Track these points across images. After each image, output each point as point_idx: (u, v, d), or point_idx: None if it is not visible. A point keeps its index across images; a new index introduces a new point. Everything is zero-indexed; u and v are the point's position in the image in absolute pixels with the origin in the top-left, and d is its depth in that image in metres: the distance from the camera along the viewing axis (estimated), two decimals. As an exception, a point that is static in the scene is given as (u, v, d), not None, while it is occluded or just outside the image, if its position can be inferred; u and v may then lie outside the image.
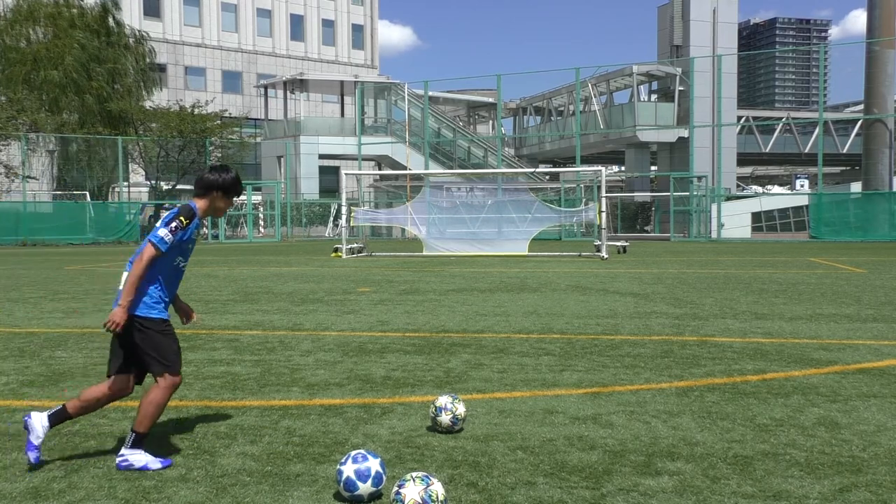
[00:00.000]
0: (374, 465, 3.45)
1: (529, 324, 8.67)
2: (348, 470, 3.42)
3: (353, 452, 3.54)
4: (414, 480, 3.22)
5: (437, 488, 3.21)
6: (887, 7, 35.90)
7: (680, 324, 8.58)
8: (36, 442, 3.84)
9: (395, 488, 3.23)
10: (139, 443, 3.86)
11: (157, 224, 3.94)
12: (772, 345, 7.22)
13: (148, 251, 3.84)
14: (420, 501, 3.15)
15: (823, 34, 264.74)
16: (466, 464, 3.90)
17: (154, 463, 3.83)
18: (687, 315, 9.29)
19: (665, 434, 4.38)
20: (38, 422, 3.86)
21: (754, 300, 10.78)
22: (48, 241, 33.15)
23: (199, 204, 4.10)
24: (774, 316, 9.16)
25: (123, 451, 3.84)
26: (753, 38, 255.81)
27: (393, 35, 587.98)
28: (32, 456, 3.84)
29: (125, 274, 3.93)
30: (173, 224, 3.88)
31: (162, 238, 3.85)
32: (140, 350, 3.94)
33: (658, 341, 7.45)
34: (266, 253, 25.98)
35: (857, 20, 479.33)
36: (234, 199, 4.22)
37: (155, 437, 4.37)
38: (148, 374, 4.09)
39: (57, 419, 3.94)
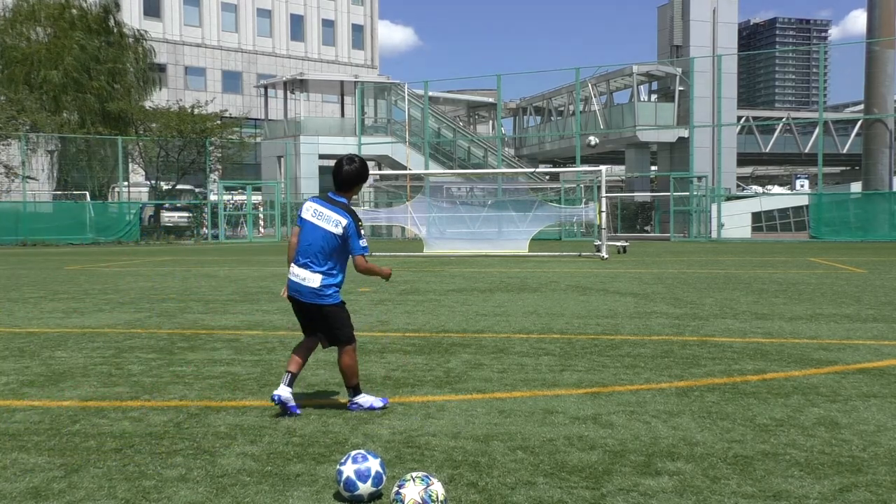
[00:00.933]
0: (374, 465, 3.45)
1: (529, 324, 8.67)
2: (348, 470, 3.43)
3: (352, 452, 3.54)
4: (414, 480, 3.22)
5: (437, 488, 3.21)
6: (887, 7, 35.89)
7: (680, 324, 8.59)
8: (292, 402, 4.80)
9: (395, 488, 3.24)
10: (357, 391, 4.93)
11: (342, 235, 4.75)
12: (772, 345, 7.22)
13: (364, 260, 4.84)
14: (420, 501, 3.15)
15: (823, 34, 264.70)
16: (466, 464, 3.90)
17: (378, 402, 4.91)
18: (687, 315, 9.29)
19: (665, 434, 4.38)
20: (286, 392, 4.75)
21: (754, 300, 10.78)
22: (48, 241, 33.14)
23: (351, 198, 4.94)
24: (774, 316, 9.16)
25: (352, 399, 4.91)
26: (753, 38, 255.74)
27: (394, 36, 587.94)
28: (297, 410, 4.82)
29: (308, 273, 4.81)
30: (361, 230, 4.81)
31: (366, 247, 4.84)
32: (332, 326, 4.88)
33: (658, 341, 7.45)
34: (266, 253, 25.97)
35: (858, 20, 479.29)
36: None
37: (155, 437, 4.38)
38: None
39: (291, 381, 4.82)
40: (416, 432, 4.44)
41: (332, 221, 4.76)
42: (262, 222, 44.92)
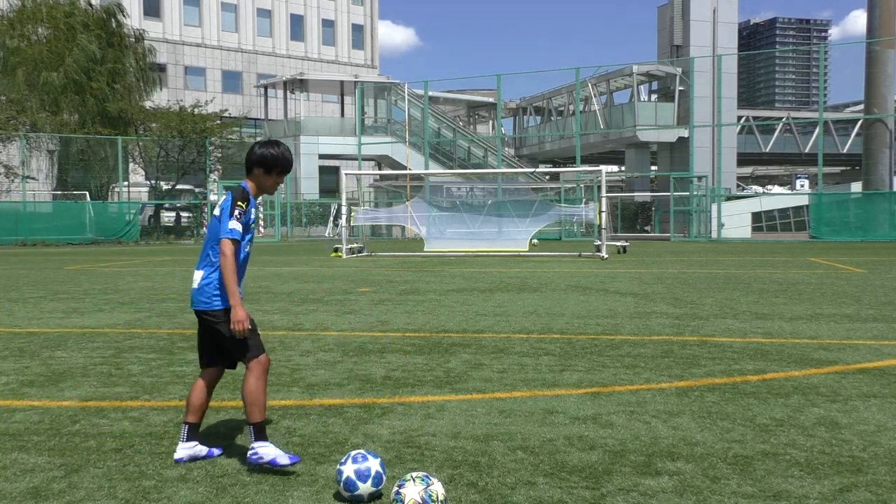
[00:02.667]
0: (373, 465, 3.44)
1: (529, 324, 8.67)
2: (348, 470, 3.42)
3: (352, 452, 3.53)
4: (414, 480, 3.22)
5: (437, 488, 3.21)
6: (887, 7, 35.90)
7: (680, 324, 8.58)
8: (203, 453, 3.98)
9: (395, 488, 3.24)
10: (261, 434, 3.81)
11: (217, 215, 3.92)
12: (772, 345, 7.22)
13: (228, 247, 3.84)
14: (420, 501, 3.15)
15: (823, 34, 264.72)
16: (466, 464, 3.90)
17: (282, 458, 3.75)
18: (687, 315, 9.29)
19: (665, 434, 4.38)
20: (185, 451, 3.96)
21: (754, 300, 10.78)
22: (48, 241, 33.14)
23: (252, 185, 4.03)
24: (774, 316, 9.16)
25: (253, 444, 3.81)
26: (753, 38, 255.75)
27: (396, 36, 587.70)
28: (214, 452, 4.02)
29: (197, 272, 4.00)
30: (236, 212, 3.87)
31: (234, 230, 3.86)
32: (226, 341, 3.96)
33: (658, 341, 7.45)
34: (266, 253, 25.97)
35: (858, 20, 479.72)
36: (281, 175, 4.06)
37: (155, 437, 4.37)
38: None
39: (191, 434, 3.99)
40: (416, 432, 4.43)
41: (218, 206, 3.99)
42: (261, 222, 44.90)
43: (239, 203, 3.88)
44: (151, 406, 5.10)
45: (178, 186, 41.30)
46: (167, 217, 40.73)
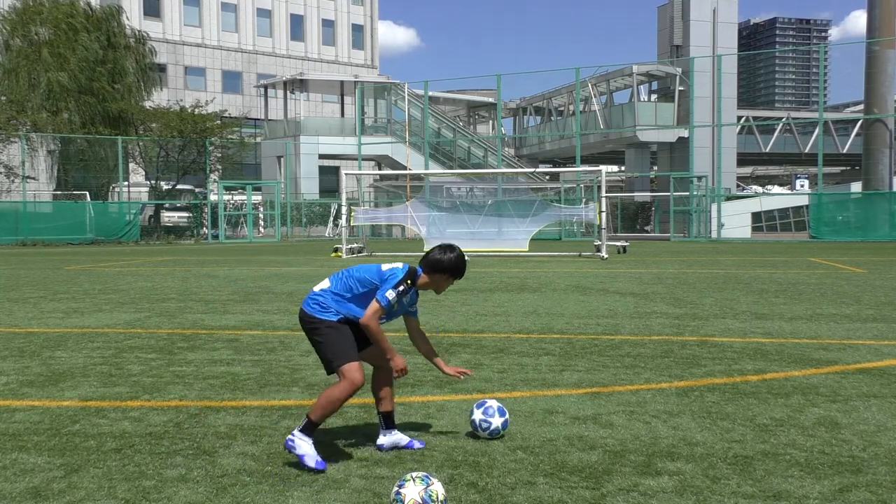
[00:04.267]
0: (493, 403, 4.34)
1: (529, 324, 8.67)
2: (477, 415, 4.26)
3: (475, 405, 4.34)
4: (414, 480, 3.22)
5: (437, 488, 3.21)
6: (887, 7, 35.89)
7: (680, 324, 8.58)
8: (404, 443, 4.17)
9: (395, 488, 3.23)
10: (308, 429, 3.90)
11: (384, 275, 4.06)
12: (772, 345, 7.22)
13: (374, 309, 3.98)
14: (420, 501, 3.15)
15: (823, 34, 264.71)
16: (466, 464, 3.90)
17: (311, 459, 3.82)
18: (687, 315, 9.29)
19: (665, 434, 4.38)
20: (386, 439, 4.16)
21: (754, 300, 10.78)
22: (48, 241, 33.13)
23: (424, 279, 4.20)
24: (774, 316, 9.16)
25: (295, 431, 3.91)
26: (753, 38, 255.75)
27: (397, 37, 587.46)
28: (415, 444, 4.18)
29: (326, 280, 4.13)
30: (401, 287, 4.03)
31: (388, 299, 3.99)
32: (317, 349, 4.09)
33: (658, 341, 7.45)
34: (266, 253, 25.97)
35: (858, 21, 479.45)
36: (457, 280, 4.32)
37: (155, 437, 4.37)
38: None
39: (388, 423, 4.20)
40: (415, 432, 4.43)
41: (390, 266, 4.14)
42: (261, 222, 44.93)
43: (408, 282, 4.07)
44: (151, 406, 5.10)
45: (178, 186, 41.30)
46: (173, 217, 40.67)
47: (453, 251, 4.22)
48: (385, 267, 4.10)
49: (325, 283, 4.12)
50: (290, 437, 3.90)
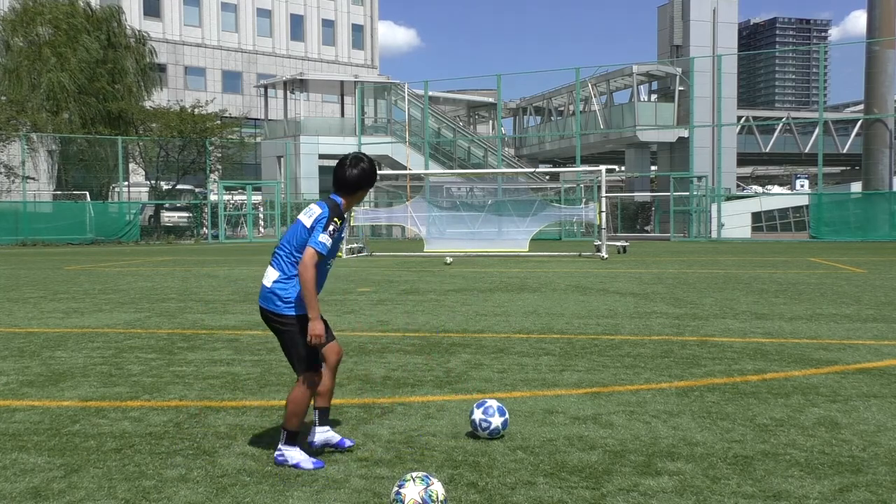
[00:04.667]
0: (493, 403, 4.36)
1: (529, 324, 8.67)
2: (477, 415, 4.28)
3: (475, 405, 4.36)
4: (414, 480, 3.22)
5: (437, 488, 3.21)
6: (887, 7, 35.88)
7: (680, 324, 8.58)
8: (335, 440, 4.13)
9: (395, 488, 3.23)
10: (292, 439, 3.92)
11: (307, 225, 3.96)
12: (772, 345, 7.22)
13: (311, 256, 3.88)
14: (420, 501, 3.15)
15: (823, 34, 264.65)
16: (466, 464, 3.90)
17: (306, 462, 3.87)
18: (687, 315, 9.29)
19: (665, 434, 4.38)
20: (319, 435, 4.13)
21: (754, 300, 10.78)
22: (48, 241, 33.13)
23: (346, 203, 4.11)
24: (774, 316, 9.16)
25: (280, 446, 3.94)
26: (753, 38, 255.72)
27: (397, 37, 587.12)
28: (346, 443, 4.13)
29: (269, 269, 4.01)
30: (331, 227, 3.93)
31: (324, 243, 3.90)
32: (285, 347, 4.04)
33: (658, 341, 7.45)
34: (266, 253, 25.94)
35: (858, 21, 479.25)
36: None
37: (155, 437, 4.37)
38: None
39: (323, 418, 4.16)
40: (416, 432, 4.44)
41: (309, 213, 4.05)
42: (261, 222, 44.94)
43: (335, 219, 3.96)
44: (151, 406, 5.10)
45: (178, 186, 41.30)
46: (173, 217, 40.65)
47: (362, 160, 4.15)
48: (305, 218, 3.99)
49: (273, 274, 3.99)
50: (277, 453, 3.93)
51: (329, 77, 54.26)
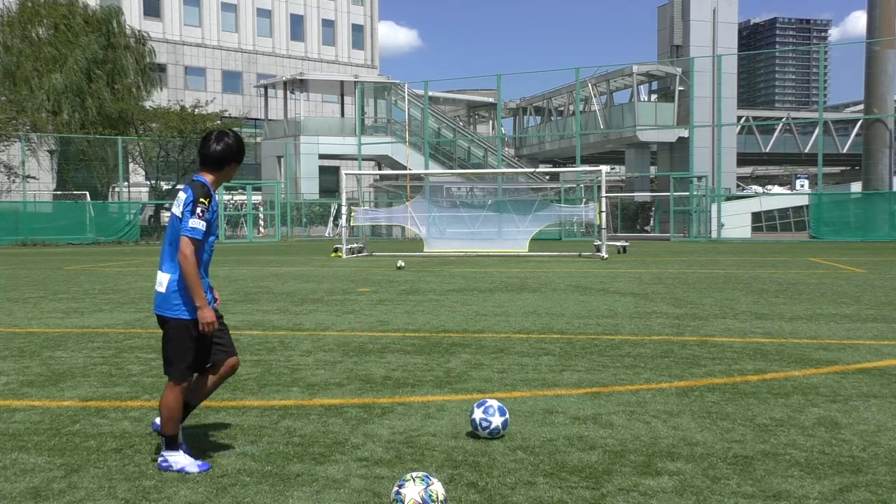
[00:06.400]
0: (493, 403, 4.36)
1: (529, 324, 8.67)
2: (478, 414, 4.29)
3: (476, 405, 4.38)
4: (414, 480, 3.22)
5: (437, 488, 3.21)
6: (887, 7, 35.89)
7: (680, 324, 8.58)
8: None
9: (395, 488, 3.23)
10: (172, 444, 3.84)
11: (178, 214, 3.81)
12: (772, 345, 7.22)
13: (187, 244, 3.75)
14: (420, 501, 3.15)
15: (823, 34, 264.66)
16: (466, 464, 3.90)
17: (192, 466, 3.80)
18: (687, 315, 9.29)
19: (665, 434, 4.38)
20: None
21: (754, 300, 10.78)
22: (48, 241, 33.13)
23: (211, 178, 3.95)
24: (774, 316, 9.16)
25: (162, 452, 3.87)
26: (753, 38, 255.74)
27: (398, 37, 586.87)
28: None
29: (160, 274, 3.89)
30: (198, 210, 3.77)
31: (196, 228, 3.76)
32: (165, 347, 3.92)
33: (658, 341, 7.45)
34: (266, 253, 25.97)
35: (858, 21, 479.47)
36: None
37: (155, 437, 4.37)
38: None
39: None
40: (416, 432, 4.43)
41: (178, 202, 3.84)
42: (261, 222, 44.93)
43: (201, 200, 3.78)
44: (151, 406, 5.10)
45: (178, 186, 41.28)
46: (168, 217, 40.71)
47: (227, 135, 3.98)
48: (176, 209, 3.83)
49: (165, 278, 3.85)
50: (160, 460, 3.85)
51: (329, 77, 54.27)
